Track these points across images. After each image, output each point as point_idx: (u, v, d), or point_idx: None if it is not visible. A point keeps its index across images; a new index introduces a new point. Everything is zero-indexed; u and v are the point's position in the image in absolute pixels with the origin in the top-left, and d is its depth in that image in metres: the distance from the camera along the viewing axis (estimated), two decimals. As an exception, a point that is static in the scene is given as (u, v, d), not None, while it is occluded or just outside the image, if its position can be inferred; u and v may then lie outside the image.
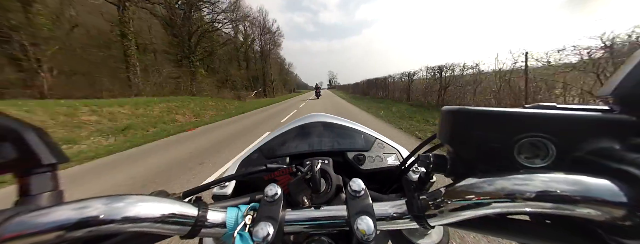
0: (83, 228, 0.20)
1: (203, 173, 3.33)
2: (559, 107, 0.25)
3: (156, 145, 5.45)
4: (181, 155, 4.36)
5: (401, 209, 0.28)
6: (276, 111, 12.77)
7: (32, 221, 0.20)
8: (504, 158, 0.24)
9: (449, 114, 0.27)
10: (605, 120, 0.22)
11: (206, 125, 8.29)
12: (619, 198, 0.18)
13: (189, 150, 4.71)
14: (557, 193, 0.19)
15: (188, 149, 4.82)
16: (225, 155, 4.21)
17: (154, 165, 3.85)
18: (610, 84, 0.23)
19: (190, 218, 0.26)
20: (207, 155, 4.29)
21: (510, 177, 0.22)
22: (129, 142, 5.77)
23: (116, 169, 3.79)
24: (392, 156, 0.54)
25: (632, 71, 0.21)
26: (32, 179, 0.24)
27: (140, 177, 3.32)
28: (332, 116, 0.73)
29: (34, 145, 0.23)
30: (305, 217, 0.29)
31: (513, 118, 0.24)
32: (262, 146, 0.59)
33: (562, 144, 0.23)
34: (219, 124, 8.56)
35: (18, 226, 0.19)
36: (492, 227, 0.26)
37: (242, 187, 0.49)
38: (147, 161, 4.11)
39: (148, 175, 3.38)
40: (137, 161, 4.20)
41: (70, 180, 3.31)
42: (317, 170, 0.34)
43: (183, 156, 4.31)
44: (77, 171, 3.78)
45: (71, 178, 3.40)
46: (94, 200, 0.22)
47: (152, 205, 0.24)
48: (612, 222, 0.19)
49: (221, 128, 7.48)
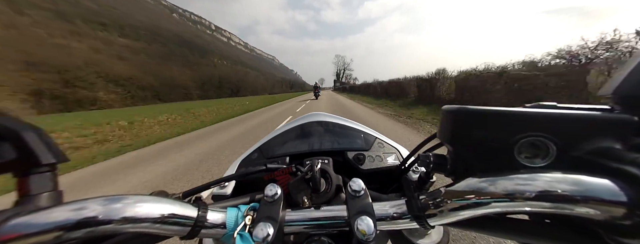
0: (82, 229, 0.20)
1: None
2: (559, 106, 0.25)
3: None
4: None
5: (401, 209, 0.28)
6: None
7: (31, 221, 0.19)
8: (504, 158, 0.24)
9: (449, 113, 0.27)
10: (606, 119, 0.22)
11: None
12: (619, 197, 0.18)
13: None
14: (557, 193, 0.19)
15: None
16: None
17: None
18: (611, 84, 0.23)
19: (190, 219, 0.26)
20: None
21: (510, 177, 0.22)
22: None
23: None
24: (392, 155, 0.54)
25: (633, 71, 0.21)
26: (32, 179, 0.23)
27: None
28: (332, 115, 0.72)
29: (33, 144, 0.23)
30: (305, 217, 0.29)
31: (513, 117, 0.24)
32: (262, 146, 0.59)
33: (562, 144, 0.23)
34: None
35: (17, 226, 0.19)
36: (492, 227, 0.26)
37: (242, 187, 0.49)
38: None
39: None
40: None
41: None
42: (317, 169, 0.34)
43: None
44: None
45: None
46: (94, 200, 0.22)
47: (151, 205, 0.24)
48: (612, 221, 0.19)
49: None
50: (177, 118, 11.30)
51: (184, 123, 10.06)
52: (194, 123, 9.76)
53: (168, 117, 11.42)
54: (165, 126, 9.42)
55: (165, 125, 9.55)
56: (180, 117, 11.68)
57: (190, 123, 9.88)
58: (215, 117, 11.38)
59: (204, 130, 7.84)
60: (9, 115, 0.24)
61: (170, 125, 9.55)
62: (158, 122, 10.32)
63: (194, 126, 8.73)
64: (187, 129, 8.03)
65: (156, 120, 10.56)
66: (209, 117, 11.82)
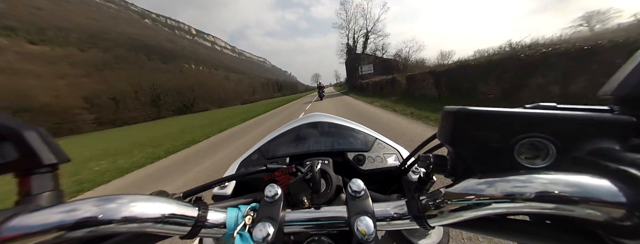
0: (83, 228, 0.20)
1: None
2: (559, 107, 0.25)
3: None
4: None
5: (401, 210, 0.28)
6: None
7: (32, 221, 0.19)
8: (504, 159, 0.24)
9: (449, 114, 0.27)
10: (606, 120, 0.22)
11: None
12: (619, 198, 0.18)
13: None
14: (557, 194, 0.19)
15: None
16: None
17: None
18: (610, 84, 0.23)
19: (190, 218, 0.26)
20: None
21: (510, 178, 0.21)
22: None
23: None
24: (392, 156, 0.53)
25: (633, 71, 0.21)
26: (33, 179, 0.24)
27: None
28: (333, 116, 0.73)
29: (35, 145, 0.23)
30: (305, 217, 0.29)
31: (513, 118, 0.24)
32: (262, 146, 0.59)
33: (562, 144, 0.23)
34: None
35: (18, 226, 0.19)
36: (492, 227, 0.26)
37: (242, 187, 0.49)
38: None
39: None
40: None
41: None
42: (317, 170, 0.34)
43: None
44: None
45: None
46: (94, 200, 0.22)
47: (152, 205, 0.24)
48: (611, 222, 0.19)
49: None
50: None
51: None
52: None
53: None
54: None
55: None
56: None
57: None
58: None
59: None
60: (10, 115, 0.24)
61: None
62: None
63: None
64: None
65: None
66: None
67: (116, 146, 9.83)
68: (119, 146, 9.64)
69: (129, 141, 11.45)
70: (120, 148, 9.11)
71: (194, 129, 11.93)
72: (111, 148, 9.61)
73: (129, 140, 12.14)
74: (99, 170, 5.38)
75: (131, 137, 13.68)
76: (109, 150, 9.02)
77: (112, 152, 8.02)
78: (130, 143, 10.34)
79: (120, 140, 13.21)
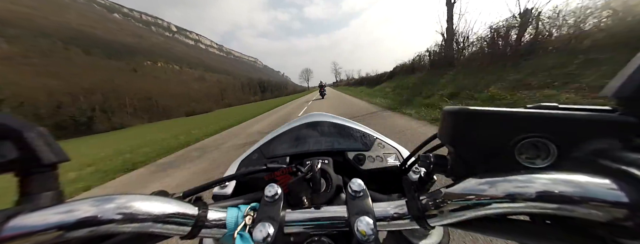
0: (83, 228, 0.20)
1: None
2: (560, 107, 0.25)
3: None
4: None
5: (401, 210, 0.27)
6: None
7: (32, 220, 0.19)
8: (504, 159, 0.24)
9: (450, 114, 0.27)
10: (607, 120, 0.22)
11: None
12: (620, 198, 0.18)
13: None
14: (558, 194, 0.19)
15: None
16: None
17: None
18: (612, 85, 0.23)
19: (190, 218, 0.26)
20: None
21: (511, 178, 0.21)
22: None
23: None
24: (392, 156, 0.53)
25: (636, 72, 0.21)
26: (33, 179, 0.23)
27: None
28: (333, 115, 0.73)
29: (34, 144, 0.23)
30: (305, 217, 0.29)
31: (514, 118, 0.24)
32: (262, 146, 0.59)
33: (563, 144, 0.23)
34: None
35: (18, 225, 0.19)
36: (492, 227, 0.26)
37: (242, 187, 0.49)
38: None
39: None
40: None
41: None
42: (317, 169, 0.34)
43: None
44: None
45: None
46: (95, 200, 0.22)
47: (152, 205, 0.24)
48: (613, 222, 0.19)
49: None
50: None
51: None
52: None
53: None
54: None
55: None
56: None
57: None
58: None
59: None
60: (10, 115, 0.23)
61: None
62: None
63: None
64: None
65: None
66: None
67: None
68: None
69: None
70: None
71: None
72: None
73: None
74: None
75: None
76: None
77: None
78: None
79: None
